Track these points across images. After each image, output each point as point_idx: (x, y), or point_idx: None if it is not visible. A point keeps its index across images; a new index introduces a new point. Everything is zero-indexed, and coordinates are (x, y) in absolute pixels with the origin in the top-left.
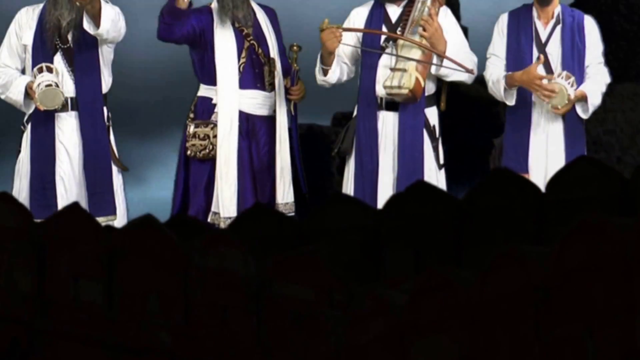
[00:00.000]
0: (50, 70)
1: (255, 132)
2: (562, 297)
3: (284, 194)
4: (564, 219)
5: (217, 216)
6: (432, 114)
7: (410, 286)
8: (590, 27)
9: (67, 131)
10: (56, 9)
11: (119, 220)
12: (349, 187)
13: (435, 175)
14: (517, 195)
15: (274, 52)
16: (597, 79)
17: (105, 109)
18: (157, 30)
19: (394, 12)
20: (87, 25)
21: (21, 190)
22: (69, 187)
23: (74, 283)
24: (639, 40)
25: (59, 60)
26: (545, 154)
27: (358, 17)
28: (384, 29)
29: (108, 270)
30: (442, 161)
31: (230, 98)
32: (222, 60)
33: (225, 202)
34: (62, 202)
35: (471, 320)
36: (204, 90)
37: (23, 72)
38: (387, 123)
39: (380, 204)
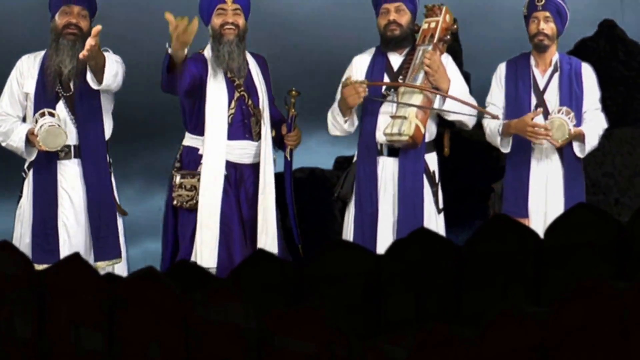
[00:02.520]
0: (52, 114)
1: (243, 180)
2: (560, 356)
3: (268, 245)
4: (562, 264)
5: None
6: (432, 160)
7: (411, 342)
8: (588, 74)
9: (70, 178)
10: (58, 55)
11: (120, 265)
12: (349, 230)
13: (434, 220)
14: (516, 242)
15: (263, 103)
16: (594, 123)
17: (107, 155)
18: (160, 83)
19: (395, 60)
20: (89, 79)
21: (23, 235)
22: (72, 233)
23: (74, 331)
24: (637, 86)
25: (61, 108)
26: (545, 198)
27: (360, 64)
28: (386, 76)
29: (109, 319)
30: (441, 205)
31: (218, 150)
32: (212, 112)
33: (205, 254)
34: (64, 248)
35: None
36: (190, 140)
37: (24, 120)
38: (387, 168)
39: (380, 247)
